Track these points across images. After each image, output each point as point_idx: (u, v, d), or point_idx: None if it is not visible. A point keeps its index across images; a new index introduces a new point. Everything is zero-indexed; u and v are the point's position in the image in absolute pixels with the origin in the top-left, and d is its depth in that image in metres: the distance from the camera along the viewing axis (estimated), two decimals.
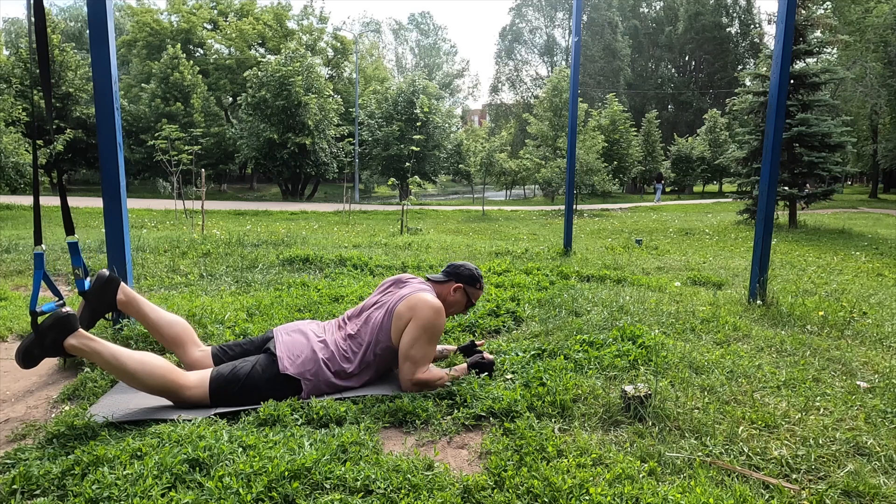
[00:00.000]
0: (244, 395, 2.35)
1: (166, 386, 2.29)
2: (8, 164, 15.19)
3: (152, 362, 2.30)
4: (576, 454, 1.94)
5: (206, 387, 2.34)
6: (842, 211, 20.93)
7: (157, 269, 5.03)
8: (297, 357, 2.45)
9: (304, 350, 2.48)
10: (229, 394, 2.34)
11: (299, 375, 2.41)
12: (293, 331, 2.60)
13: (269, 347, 2.51)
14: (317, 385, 2.43)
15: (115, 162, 3.00)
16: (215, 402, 2.33)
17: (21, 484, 1.70)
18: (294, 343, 2.51)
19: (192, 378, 2.36)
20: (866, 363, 2.94)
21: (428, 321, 2.46)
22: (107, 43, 2.91)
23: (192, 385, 2.33)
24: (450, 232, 12.66)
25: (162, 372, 2.29)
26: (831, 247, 9.94)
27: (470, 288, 2.77)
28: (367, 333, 2.55)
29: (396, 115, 29.90)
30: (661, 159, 37.05)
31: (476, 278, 2.79)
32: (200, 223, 10.35)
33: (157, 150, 13.27)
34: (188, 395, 2.32)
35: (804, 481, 1.85)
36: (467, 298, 2.78)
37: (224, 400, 2.34)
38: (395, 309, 2.53)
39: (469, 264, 2.82)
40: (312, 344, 2.51)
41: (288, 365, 2.41)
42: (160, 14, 36.81)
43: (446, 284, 2.76)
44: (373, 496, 1.69)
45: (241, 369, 2.41)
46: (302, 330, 2.60)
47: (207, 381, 2.35)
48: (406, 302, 2.53)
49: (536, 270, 5.29)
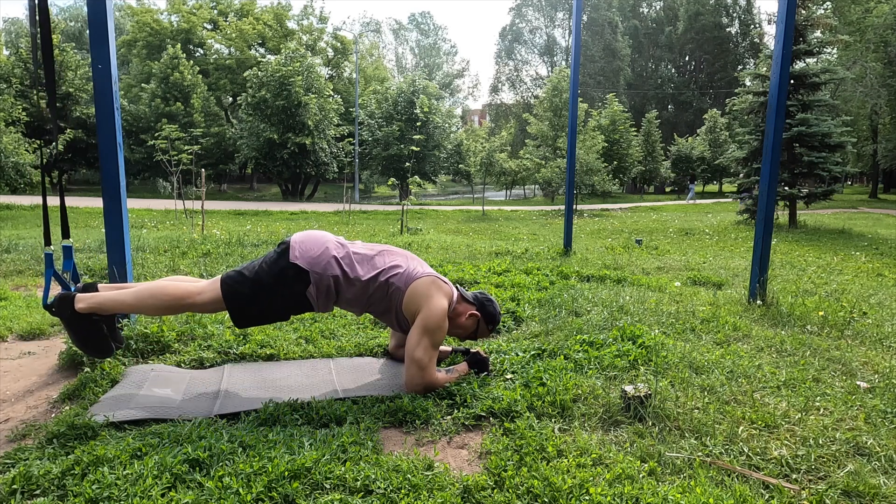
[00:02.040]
0: (254, 291, 2.41)
1: (179, 301, 2.38)
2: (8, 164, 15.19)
3: (156, 286, 2.40)
4: (576, 454, 1.94)
5: (217, 290, 2.40)
6: (842, 211, 20.93)
7: (157, 269, 5.03)
8: (308, 249, 2.46)
9: (318, 245, 2.50)
10: (241, 294, 2.41)
11: (308, 266, 2.42)
12: (312, 231, 2.62)
13: (284, 240, 2.54)
14: (322, 280, 2.44)
15: (115, 162, 2.99)
16: (230, 303, 2.40)
17: (21, 484, 1.70)
18: (310, 237, 2.54)
19: (202, 284, 2.44)
20: (866, 363, 2.94)
21: (434, 324, 2.45)
22: (107, 43, 2.91)
23: (203, 290, 2.41)
24: (450, 232, 12.66)
25: (169, 290, 2.39)
26: (831, 247, 9.94)
27: (483, 324, 2.74)
28: (390, 263, 2.57)
29: (396, 115, 29.90)
30: (661, 159, 37.09)
31: (495, 320, 2.76)
32: (200, 223, 10.34)
33: (157, 150, 13.28)
34: (202, 301, 2.40)
35: (804, 481, 1.85)
36: (475, 331, 2.75)
37: (237, 300, 2.41)
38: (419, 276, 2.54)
39: (498, 307, 2.79)
40: (328, 243, 2.53)
41: (299, 255, 2.44)
42: (160, 14, 36.81)
43: (466, 305, 2.72)
44: (373, 496, 1.69)
45: (249, 267, 2.48)
46: (322, 231, 2.63)
47: (219, 284, 2.42)
48: (423, 284, 2.52)
49: (536, 270, 5.29)
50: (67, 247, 2.62)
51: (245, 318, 2.49)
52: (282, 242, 2.54)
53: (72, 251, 2.62)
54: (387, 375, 2.74)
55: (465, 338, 2.78)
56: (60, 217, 2.67)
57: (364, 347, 3.12)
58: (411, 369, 2.43)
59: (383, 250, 2.65)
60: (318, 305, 2.52)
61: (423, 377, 2.43)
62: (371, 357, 3.02)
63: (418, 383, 2.43)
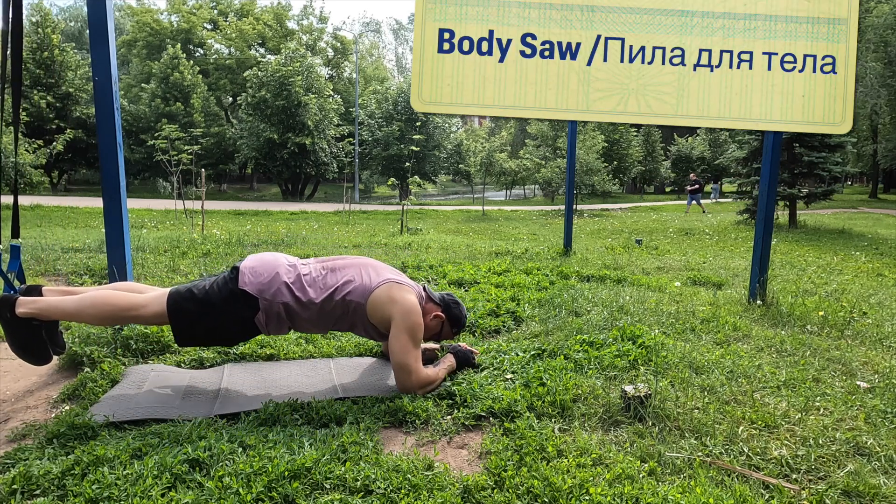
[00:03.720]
0: (201, 312, 2.36)
1: (121, 312, 2.34)
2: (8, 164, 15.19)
3: (99, 294, 2.35)
4: (576, 454, 1.94)
5: (162, 304, 2.35)
6: (842, 211, 20.92)
7: (157, 269, 5.03)
8: (259, 275, 2.42)
9: (269, 271, 2.45)
10: (187, 311, 2.36)
11: (257, 293, 2.38)
12: (265, 254, 2.58)
13: (236, 265, 2.50)
14: (272, 307, 2.40)
15: (115, 162, 2.99)
16: (174, 320, 2.35)
17: (21, 484, 1.70)
18: (261, 262, 2.49)
19: (148, 296, 2.39)
20: (866, 363, 2.94)
21: (410, 323, 2.42)
22: (107, 43, 2.91)
23: (147, 303, 2.36)
24: (450, 232, 12.66)
25: (111, 300, 2.34)
26: (831, 247, 9.94)
27: (447, 326, 2.70)
28: (343, 279, 2.51)
29: (396, 115, 29.91)
30: (661, 159, 37.11)
31: (459, 323, 2.72)
32: (200, 223, 10.35)
33: (157, 150, 13.27)
34: (146, 314, 2.35)
35: (804, 481, 1.85)
36: (439, 332, 2.71)
37: (182, 318, 2.36)
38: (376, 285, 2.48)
39: (464, 310, 2.75)
40: (279, 268, 2.48)
41: (248, 281, 2.39)
42: (160, 14, 36.83)
43: (432, 305, 2.68)
44: (373, 496, 1.69)
45: (198, 285, 2.43)
46: (274, 255, 2.58)
47: (164, 298, 2.37)
48: (383, 292, 2.47)
49: (536, 270, 5.29)
50: (16, 246, 2.59)
51: (188, 338, 2.45)
52: (234, 267, 2.49)
53: (19, 251, 2.58)
54: (387, 375, 2.73)
55: (427, 339, 2.74)
56: (12, 216, 2.64)
57: (364, 347, 3.12)
58: (400, 375, 2.42)
59: (336, 266, 2.58)
60: (267, 330, 2.49)
61: (413, 380, 2.41)
62: (371, 357, 3.02)
63: (411, 387, 2.42)
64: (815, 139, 13.38)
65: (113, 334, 2.95)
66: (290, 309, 2.44)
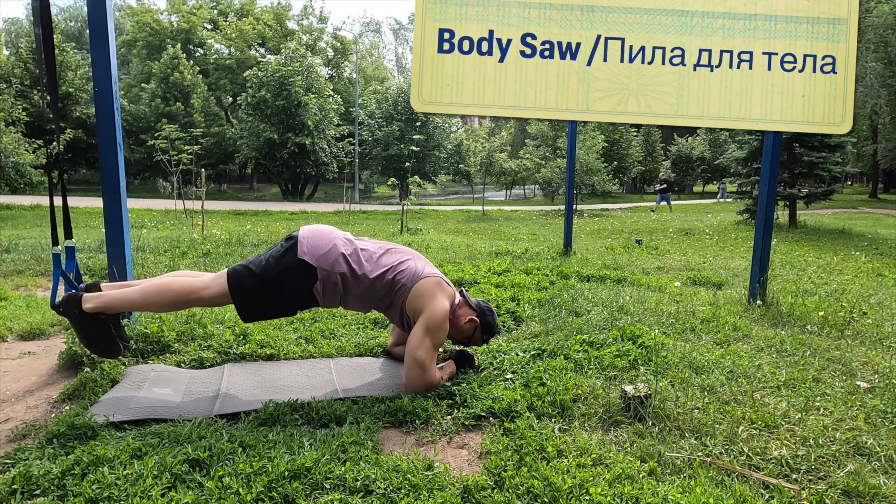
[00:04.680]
0: (261, 287, 2.42)
1: (185, 296, 2.40)
2: (8, 164, 15.18)
3: (161, 282, 2.42)
4: (576, 454, 1.94)
5: (223, 284, 2.41)
6: (842, 211, 20.92)
7: (157, 269, 5.03)
8: (316, 246, 2.47)
9: (326, 241, 2.50)
10: (248, 288, 2.42)
11: (316, 263, 2.43)
12: (319, 226, 2.63)
13: (292, 234, 2.55)
14: (330, 277, 2.45)
15: (115, 162, 2.99)
16: (237, 298, 2.41)
17: (21, 484, 1.70)
18: (318, 232, 2.54)
19: (207, 278, 2.45)
20: (866, 363, 2.94)
21: (436, 324, 2.46)
22: (107, 43, 2.91)
23: (207, 284, 2.43)
24: (450, 232, 12.66)
25: (174, 287, 2.40)
26: (831, 247, 9.94)
27: (479, 332, 2.75)
28: (398, 260, 2.58)
29: (396, 115, 29.91)
30: (661, 159, 37.11)
31: (491, 331, 2.77)
32: (200, 223, 10.35)
33: (157, 150, 13.27)
34: (208, 296, 2.42)
35: (804, 481, 1.85)
36: (470, 336, 2.75)
37: (244, 294, 2.42)
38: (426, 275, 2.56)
39: (497, 318, 2.81)
40: (336, 239, 2.54)
41: (307, 251, 2.44)
42: (160, 14, 36.83)
43: (468, 309, 2.73)
44: (373, 496, 1.69)
45: (255, 261, 2.49)
46: (329, 227, 2.63)
47: (224, 278, 2.43)
48: (428, 284, 2.53)
49: (536, 270, 5.29)
50: (70, 247, 2.63)
51: (251, 312, 2.50)
52: (289, 237, 2.54)
53: (74, 251, 2.64)
54: (387, 375, 2.74)
55: (458, 342, 2.78)
56: (63, 217, 2.67)
57: (364, 347, 3.12)
58: (413, 369, 2.43)
59: (391, 248, 2.66)
60: (323, 301, 2.53)
61: (424, 377, 2.43)
62: (371, 357, 3.02)
63: (420, 384, 2.43)
64: (815, 139, 13.37)
65: None
66: (346, 280, 2.49)
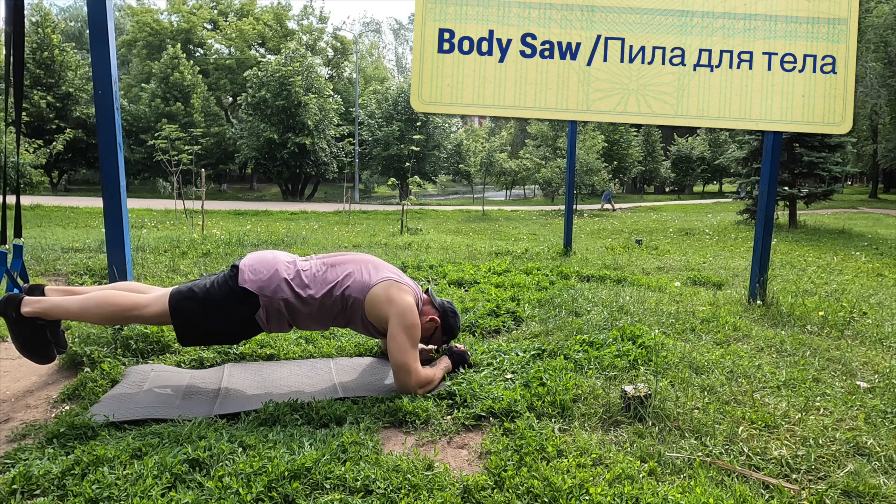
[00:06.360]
0: (202, 311, 2.39)
1: (124, 312, 2.37)
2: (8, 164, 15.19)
3: (102, 295, 2.38)
4: (576, 454, 1.93)
5: (164, 304, 2.39)
6: (842, 211, 20.92)
7: (157, 269, 5.03)
8: (258, 272, 2.45)
9: (268, 268, 2.47)
10: (188, 310, 2.39)
11: (257, 290, 2.41)
12: (264, 252, 2.60)
13: (235, 263, 2.53)
14: (272, 304, 2.43)
15: (115, 162, 2.99)
16: (176, 320, 2.38)
17: (21, 484, 1.70)
18: (260, 260, 2.51)
19: (150, 296, 2.42)
20: (866, 363, 2.94)
21: (407, 322, 2.43)
22: (107, 43, 2.91)
23: (149, 303, 2.40)
24: (450, 232, 12.66)
25: (115, 300, 2.37)
26: (831, 247, 9.94)
27: (439, 332, 2.73)
28: (342, 274, 2.53)
29: (396, 115, 29.93)
30: (661, 159, 37.14)
31: (452, 333, 2.75)
32: (200, 223, 10.35)
33: (157, 150, 13.28)
34: (149, 314, 2.39)
35: (804, 481, 1.85)
36: (430, 336, 2.72)
37: (183, 317, 2.39)
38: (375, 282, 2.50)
39: (460, 323, 2.78)
40: (279, 264, 2.51)
41: (248, 278, 2.42)
42: (160, 14, 36.85)
43: (431, 308, 2.70)
44: (373, 496, 1.69)
45: (199, 284, 2.46)
46: (273, 252, 2.61)
47: (166, 298, 2.40)
48: (381, 290, 2.48)
49: (536, 270, 5.29)
50: (18, 246, 2.58)
51: (190, 336, 2.47)
52: (233, 266, 2.52)
53: (22, 251, 2.59)
54: (387, 375, 2.73)
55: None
56: (15, 216, 2.64)
57: (364, 347, 3.12)
58: (400, 375, 2.42)
59: (335, 261, 2.61)
60: (268, 327, 2.51)
61: (412, 380, 2.42)
62: (371, 357, 3.02)
63: (412, 386, 2.42)
64: (815, 139, 13.38)
65: (113, 334, 2.95)
66: (291, 305, 2.46)
